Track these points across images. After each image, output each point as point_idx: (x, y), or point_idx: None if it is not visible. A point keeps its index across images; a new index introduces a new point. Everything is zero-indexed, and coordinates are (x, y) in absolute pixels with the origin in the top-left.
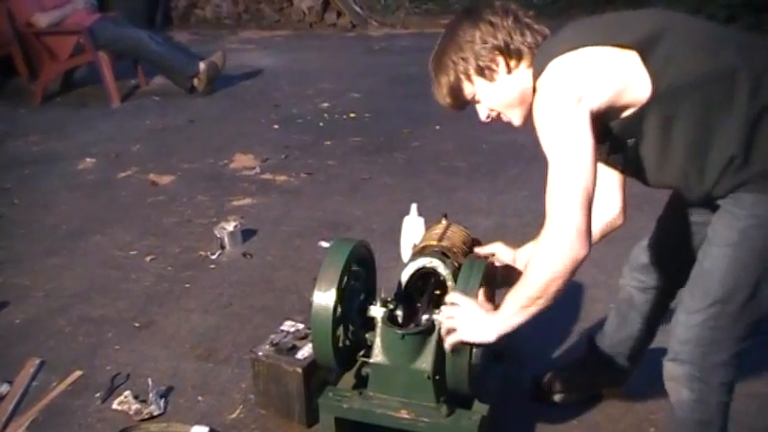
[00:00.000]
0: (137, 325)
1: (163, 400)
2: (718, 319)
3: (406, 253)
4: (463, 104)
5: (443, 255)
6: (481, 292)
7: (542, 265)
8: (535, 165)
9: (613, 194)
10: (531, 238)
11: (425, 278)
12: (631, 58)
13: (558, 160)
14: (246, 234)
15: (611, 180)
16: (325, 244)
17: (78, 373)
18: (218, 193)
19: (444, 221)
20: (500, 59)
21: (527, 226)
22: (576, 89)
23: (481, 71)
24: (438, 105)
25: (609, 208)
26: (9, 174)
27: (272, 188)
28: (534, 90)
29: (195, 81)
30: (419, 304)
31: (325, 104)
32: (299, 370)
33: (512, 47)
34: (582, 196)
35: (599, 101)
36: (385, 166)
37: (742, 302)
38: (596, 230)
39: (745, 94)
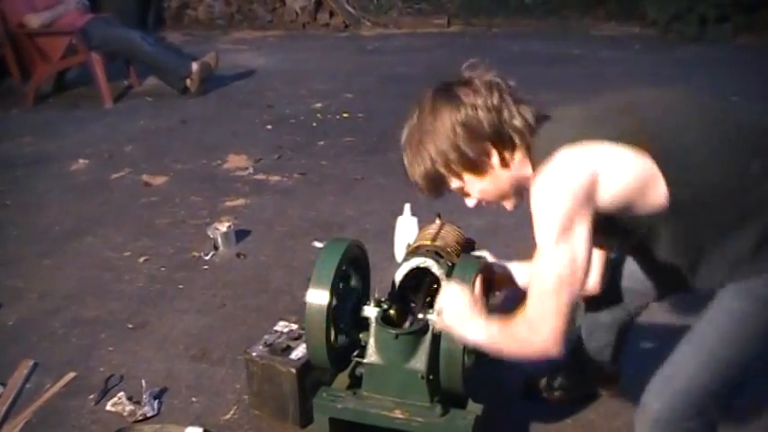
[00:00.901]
0: (130, 326)
1: (157, 401)
2: (706, 386)
3: (399, 253)
4: (439, 194)
5: (437, 254)
6: (479, 283)
7: (513, 344)
8: None
9: (594, 267)
10: (524, 238)
11: (419, 278)
12: (647, 165)
13: (549, 261)
14: (240, 234)
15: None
16: (318, 244)
17: (72, 374)
18: (211, 194)
19: (438, 221)
20: (493, 152)
21: (520, 226)
22: (586, 188)
23: (471, 167)
24: None
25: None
26: (1, 175)
27: (265, 188)
28: (533, 175)
29: (188, 82)
30: (413, 304)
31: (318, 104)
32: (293, 370)
33: (504, 135)
34: (568, 300)
35: (608, 205)
36: (378, 165)
37: (733, 376)
38: None
39: (754, 207)
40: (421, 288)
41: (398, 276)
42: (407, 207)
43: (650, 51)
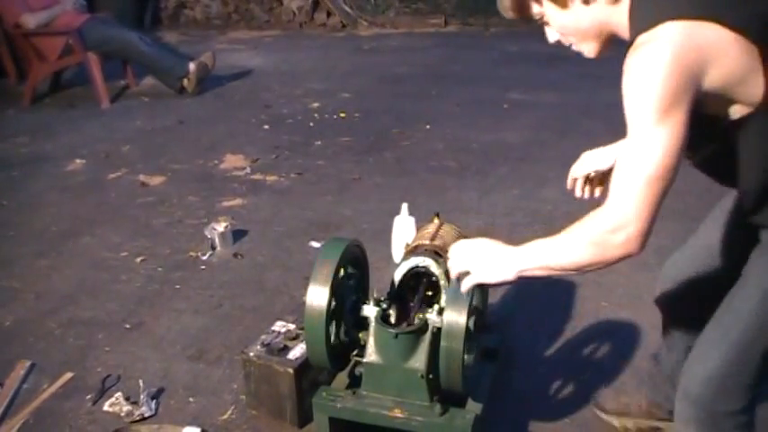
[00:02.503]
0: (127, 326)
1: (154, 401)
2: (735, 365)
3: (397, 252)
4: (529, 18)
5: (436, 254)
6: None
7: (589, 248)
8: (524, 164)
9: None
10: (522, 236)
11: (418, 277)
12: (754, 55)
13: (640, 148)
14: (237, 235)
15: None
16: (315, 244)
17: (69, 375)
18: (208, 194)
19: (436, 220)
20: None
21: (517, 225)
22: (692, 69)
23: None
24: (428, 105)
25: None
26: None
27: (262, 188)
28: (629, 37)
29: (185, 82)
30: (412, 303)
31: (316, 104)
32: (291, 370)
33: None
34: (660, 192)
35: (708, 89)
36: (375, 165)
37: (762, 352)
38: None
39: None
40: (420, 287)
41: (397, 276)
42: (405, 207)
43: None
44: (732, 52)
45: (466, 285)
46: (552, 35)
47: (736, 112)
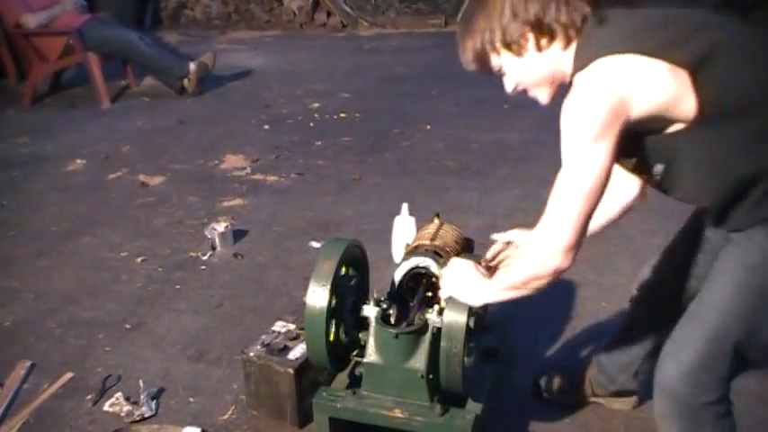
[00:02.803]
0: (127, 326)
1: (154, 401)
2: (711, 358)
3: (397, 253)
4: (489, 71)
5: (436, 254)
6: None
7: (527, 264)
8: (524, 164)
9: (631, 180)
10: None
11: (418, 278)
12: (682, 78)
13: (571, 171)
14: (237, 235)
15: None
16: (315, 244)
17: (69, 375)
18: (208, 194)
19: (437, 221)
20: (530, 36)
21: (518, 225)
22: (616, 100)
23: (508, 45)
24: (428, 105)
25: (626, 190)
26: None
27: (262, 189)
28: (570, 79)
29: (185, 82)
30: (412, 304)
31: (316, 104)
32: (291, 370)
33: (545, 23)
34: (582, 215)
35: (637, 116)
36: (375, 165)
37: (735, 343)
38: (614, 212)
39: None
40: (420, 288)
41: (398, 276)
42: (405, 207)
43: None
44: (659, 79)
45: (442, 295)
46: (509, 84)
47: (675, 128)
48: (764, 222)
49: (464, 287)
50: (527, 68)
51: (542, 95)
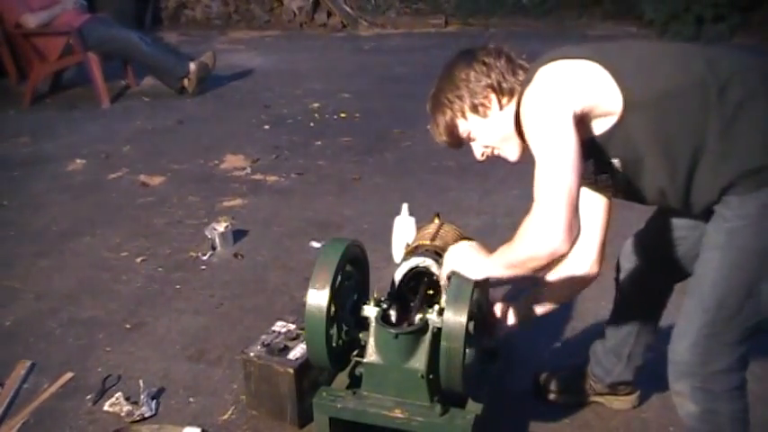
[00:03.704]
0: (127, 326)
1: (154, 401)
2: (714, 326)
3: (397, 253)
4: (459, 143)
5: (436, 254)
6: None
7: (525, 245)
8: (524, 165)
9: (591, 238)
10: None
11: (418, 277)
12: (602, 73)
13: (545, 159)
14: (237, 235)
15: (591, 221)
16: (315, 244)
17: (69, 375)
18: (208, 194)
19: (437, 221)
20: (492, 96)
21: (518, 225)
22: (560, 91)
23: (475, 108)
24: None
25: (584, 254)
26: None
27: (262, 189)
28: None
29: (185, 82)
30: (412, 304)
31: (316, 104)
32: (291, 371)
33: (504, 85)
34: (567, 194)
35: (580, 105)
36: (375, 165)
37: (736, 306)
38: (566, 279)
39: (714, 97)
40: (420, 288)
41: (398, 276)
42: (405, 207)
43: None
44: (587, 74)
45: (443, 272)
46: (478, 150)
47: (610, 122)
48: (730, 190)
49: (465, 262)
50: (493, 127)
51: (511, 152)
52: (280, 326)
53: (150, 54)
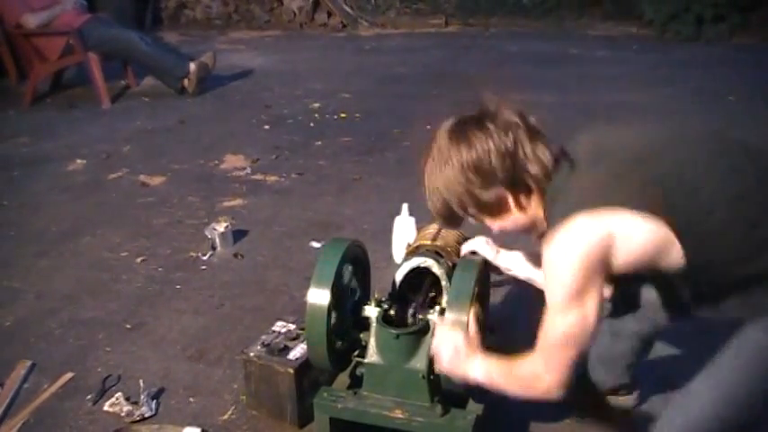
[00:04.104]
0: (128, 326)
1: (154, 401)
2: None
3: (397, 253)
4: (459, 226)
5: (437, 254)
6: (472, 318)
7: (516, 386)
8: None
9: None
10: (521, 239)
11: (420, 278)
12: (663, 232)
13: (560, 319)
14: (237, 235)
15: None
16: (316, 244)
17: (69, 375)
18: (208, 194)
19: None
20: (508, 196)
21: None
22: (599, 258)
23: (486, 211)
24: (428, 105)
25: None
26: None
27: (262, 189)
28: (547, 227)
29: (185, 82)
30: (413, 304)
31: (316, 105)
32: (291, 371)
33: (518, 181)
34: (575, 355)
35: (622, 270)
36: (376, 165)
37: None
38: None
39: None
40: (421, 288)
41: (399, 276)
42: (405, 207)
43: (647, 51)
44: (639, 232)
45: (435, 368)
46: (494, 229)
47: (660, 274)
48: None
49: (449, 362)
50: (510, 224)
51: (534, 236)
52: (280, 326)
53: (150, 54)
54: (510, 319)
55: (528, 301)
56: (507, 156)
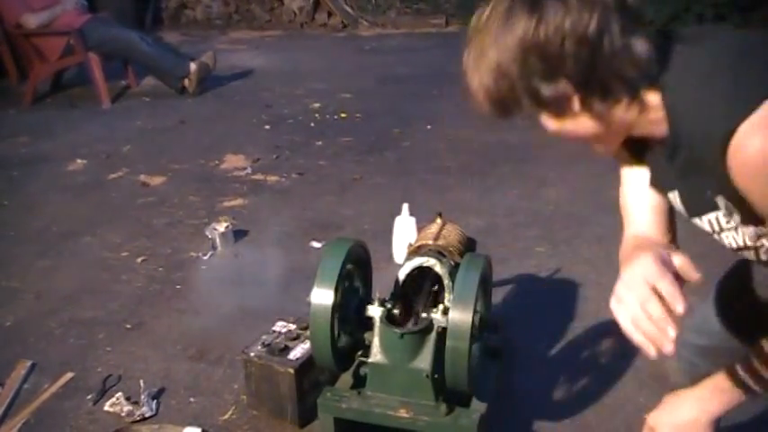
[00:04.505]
0: (128, 326)
1: (155, 401)
2: None
3: (398, 253)
4: (509, 117)
5: (439, 254)
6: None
7: None
8: (525, 165)
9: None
10: (521, 238)
11: (422, 277)
12: None
13: None
14: (238, 234)
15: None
16: (316, 244)
17: (69, 374)
18: (209, 194)
19: (439, 220)
20: (574, 97)
21: (518, 225)
22: None
23: (543, 105)
24: (429, 105)
25: None
26: None
27: (263, 188)
28: (723, 129)
29: (186, 82)
30: (416, 303)
31: (316, 104)
32: (291, 370)
33: (593, 80)
34: None
35: None
36: (376, 165)
37: None
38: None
39: None
40: (423, 287)
41: (401, 275)
42: (405, 207)
43: None
44: None
45: None
46: (551, 127)
47: None
48: None
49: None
50: (572, 128)
51: (600, 150)
52: (280, 326)
53: (151, 54)
54: (510, 319)
55: (527, 301)
56: (586, 44)
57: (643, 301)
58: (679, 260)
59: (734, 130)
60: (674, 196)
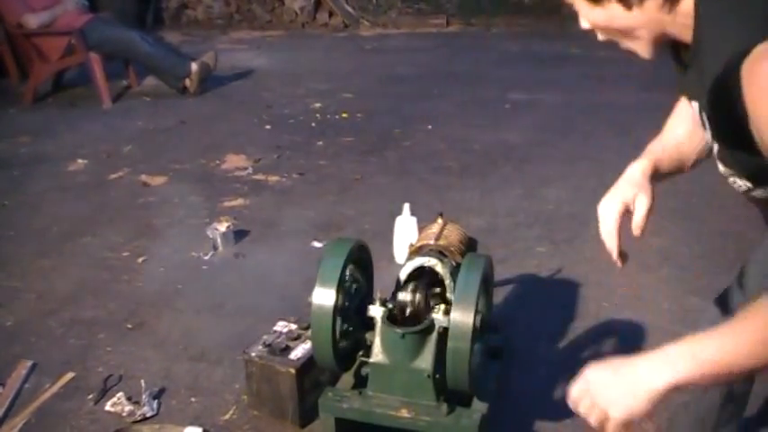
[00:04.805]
0: (129, 326)
1: (155, 401)
2: None
3: (399, 253)
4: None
5: (441, 254)
6: None
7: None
8: (526, 164)
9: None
10: (522, 238)
11: (423, 277)
12: None
13: None
14: (239, 235)
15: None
16: (317, 244)
17: (70, 374)
18: (210, 194)
19: (440, 220)
20: None
21: (519, 225)
22: None
23: None
24: (430, 105)
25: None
26: None
27: (264, 188)
28: (740, 48)
29: (187, 82)
30: (417, 304)
31: (317, 104)
32: (292, 370)
33: None
34: None
35: None
36: (377, 165)
37: None
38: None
39: None
40: (426, 287)
41: (403, 275)
42: (406, 207)
43: None
44: None
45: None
46: (585, 24)
47: None
48: None
49: (617, 387)
50: (606, 20)
51: (640, 50)
52: (281, 326)
53: (152, 54)
54: (510, 319)
55: (527, 302)
56: None
57: (602, 227)
58: (639, 214)
59: (753, 47)
60: (696, 106)
